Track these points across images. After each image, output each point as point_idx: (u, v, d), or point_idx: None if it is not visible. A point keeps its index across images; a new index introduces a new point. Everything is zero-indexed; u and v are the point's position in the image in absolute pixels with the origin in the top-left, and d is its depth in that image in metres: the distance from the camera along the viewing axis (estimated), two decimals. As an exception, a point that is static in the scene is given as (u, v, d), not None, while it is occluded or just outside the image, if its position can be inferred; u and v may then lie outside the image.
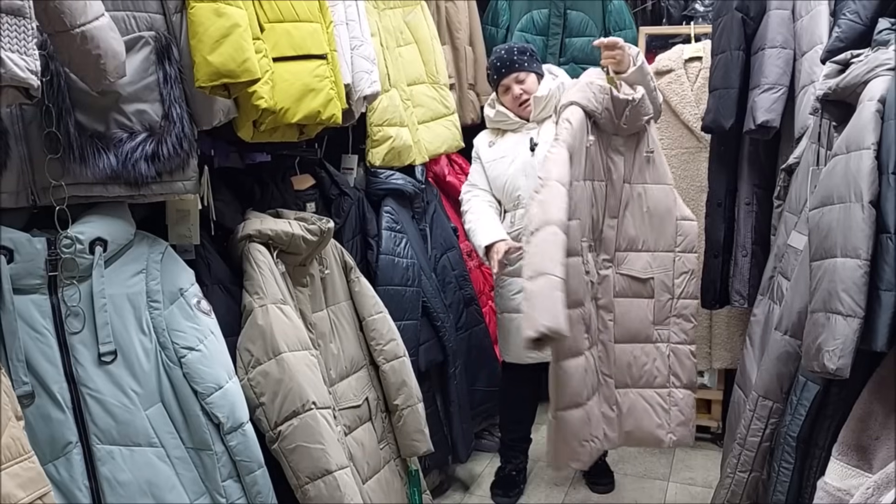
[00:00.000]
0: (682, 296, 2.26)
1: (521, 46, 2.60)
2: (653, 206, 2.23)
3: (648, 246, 2.26)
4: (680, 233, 2.25)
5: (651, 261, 2.25)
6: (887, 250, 1.37)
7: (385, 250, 2.43)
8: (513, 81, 2.55)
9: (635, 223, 2.24)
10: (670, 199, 2.25)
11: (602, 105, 2.11)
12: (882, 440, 1.46)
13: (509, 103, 2.59)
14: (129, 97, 1.50)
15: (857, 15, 1.71)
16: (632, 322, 2.26)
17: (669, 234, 2.24)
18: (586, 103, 2.10)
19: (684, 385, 2.29)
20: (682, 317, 2.26)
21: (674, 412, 2.28)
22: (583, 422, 2.09)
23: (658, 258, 2.25)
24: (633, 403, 2.27)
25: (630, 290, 2.26)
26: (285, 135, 1.88)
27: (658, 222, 2.24)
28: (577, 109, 2.09)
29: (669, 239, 2.25)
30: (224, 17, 1.51)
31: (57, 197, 1.46)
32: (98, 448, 1.48)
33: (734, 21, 2.39)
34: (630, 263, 2.26)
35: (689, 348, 2.28)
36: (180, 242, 1.74)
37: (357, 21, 2.16)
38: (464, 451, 2.71)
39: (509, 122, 2.61)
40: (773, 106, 2.27)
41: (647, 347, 2.27)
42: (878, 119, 1.43)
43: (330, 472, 1.74)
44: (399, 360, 2.18)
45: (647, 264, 2.25)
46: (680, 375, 2.28)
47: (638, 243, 2.26)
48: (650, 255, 2.26)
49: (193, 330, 1.59)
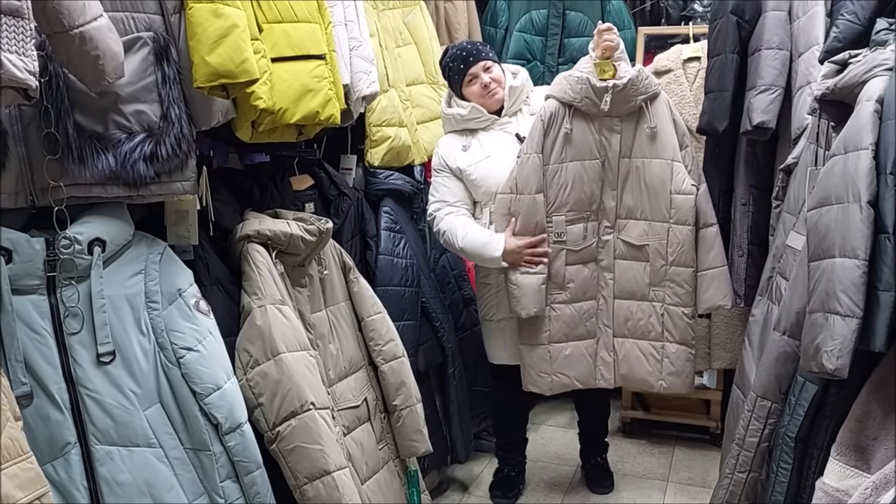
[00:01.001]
0: (674, 263, 2.41)
1: (481, 41, 2.57)
2: (649, 179, 2.40)
3: (645, 215, 2.44)
4: (674, 206, 2.38)
5: (647, 229, 2.43)
6: (885, 250, 1.36)
7: (384, 251, 2.43)
8: (481, 69, 2.44)
9: (633, 194, 2.44)
10: (666, 173, 2.38)
11: (580, 94, 2.33)
12: (880, 440, 1.45)
13: (475, 95, 2.46)
14: (127, 98, 1.50)
15: (855, 15, 1.72)
16: (629, 282, 2.48)
17: (663, 206, 2.40)
18: (561, 95, 2.36)
19: (677, 341, 2.45)
20: (675, 282, 2.42)
21: (665, 363, 2.48)
22: (541, 358, 2.48)
23: (654, 227, 2.43)
24: (628, 351, 2.52)
25: (628, 254, 2.48)
26: (284, 135, 1.88)
27: (653, 195, 2.41)
28: (551, 102, 2.37)
29: (663, 211, 2.40)
30: (222, 18, 1.51)
31: (55, 197, 1.46)
32: (97, 448, 1.48)
33: (729, 24, 2.40)
34: (628, 230, 2.46)
35: (682, 310, 2.43)
36: (179, 243, 1.74)
37: (356, 21, 2.16)
38: (463, 451, 2.71)
39: (482, 118, 2.47)
40: (770, 107, 2.27)
41: (644, 305, 2.48)
42: (876, 119, 1.43)
43: (328, 472, 1.74)
44: (398, 361, 2.18)
45: (644, 232, 2.44)
46: (672, 332, 2.46)
47: (636, 213, 2.45)
48: (647, 223, 2.44)
49: (192, 330, 1.59)
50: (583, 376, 2.53)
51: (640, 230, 2.44)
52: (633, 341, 2.51)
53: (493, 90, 2.45)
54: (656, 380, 2.50)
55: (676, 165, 2.37)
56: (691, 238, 2.39)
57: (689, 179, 2.37)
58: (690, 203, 2.37)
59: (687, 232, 2.38)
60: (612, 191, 2.44)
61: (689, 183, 2.37)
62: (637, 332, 2.50)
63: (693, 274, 2.40)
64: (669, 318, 2.45)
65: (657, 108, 2.37)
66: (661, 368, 2.48)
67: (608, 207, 2.45)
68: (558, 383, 2.52)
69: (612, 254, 2.49)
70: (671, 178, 2.37)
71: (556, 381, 2.51)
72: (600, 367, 2.53)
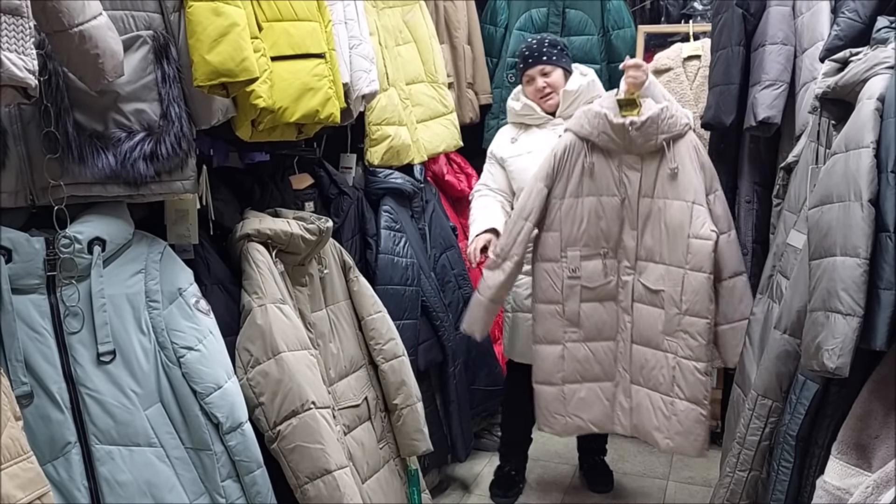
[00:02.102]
0: (688, 312, 2.25)
1: (553, 39, 2.58)
2: (669, 221, 2.28)
3: (663, 259, 2.31)
4: (690, 251, 2.23)
5: (664, 274, 2.30)
6: (886, 249, 1.36)
7: (384, 250, 2.43)
8: (537, 73, 2.52)
9: (654, 236, 2.32)
10: (685, 215, 2.24)
11: (597, 129, 2.27)
12: (882, 439, 1.45)
13: (532, 95, 2.55)
14: (127, 96, 1.49)
15: (856, 13, 1.71)
16: (646, 328, 2.36)
17: (680, 250, 2.26)
18: (578, 129, 2.31)
19: (687, 398, 2.29)
20: (689, 334, 2.25)
21: (673, 421, 2.32)
22: (556, 398, 2.42)
23: (670, 272, 2.29)
24: (641, 401, 2.40)
25: (646, 298, 2.36)
26: (284, 134, 1.87)
27: (672, 238, 2.27)
28: (568, 135, 2.33)
29: (680, 255, 2.26)
30: (222, 17, 1.51)
31: (55, 197, 1.46)
32: (97, 448, 1.48)
33: (735, 17, 2.39)
34: (647, 273, 2.35)
35: (694, 364, 2.26)
36: (179, 242, 1.74)
37: (356, 20, 2.15)
38: (463, 450, 2.71)
39: (535, 116, 2.56)
40: (774, 102, 2.26)
41: (658, 354, 2.35)
42: (877, 117, 1.43)
43: (329, 471, 1.74)
44: (398, 360, 2.18)
45: (661, 277, 2.31)
46: (683, 388, 2.29)
47: (655, 255, 2.33)
48: (664, 267, 2.30)
49: (192, 330, 1.59)
50: (599, 420, 2.45)
51: (657, 274, 2.32)
52: (646, 391, 2.39)
53: (546, 95, 2.53)
54: (663, 437, 2.35)
55: (697, 209, 2.22)
56: (707, 287, 2.22)
57: (709, 224, 2.22)
58: (708, 249, 2.20)
59: (703, 280, 2.21)
60: (633, 230, 2.35)
61: (710, 228, 2.21)
62: (650, 381, 2.37)
63: (708, 326, 2.23)
64: (681, 373, 2.28)
65: (680, 149, 2.24)
66: (669, 426, 2.33)
67: (628, 247, 2.36)
68: (572, 425, 2.46)
69: (630, 295, 2.38)
70: (690, 221, 2.23)
71: (570, 423, 2.44)
72: (618, 412, 2.45)
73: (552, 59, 2.52)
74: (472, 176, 3.23)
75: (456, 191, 3.17)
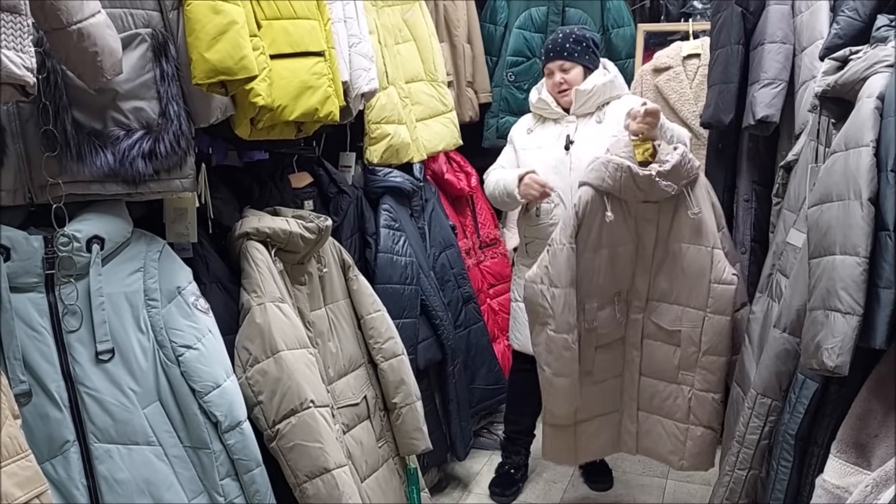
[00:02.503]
0: (708, 352, 2.25)
1: (580, 35, 2.54)
2: (687, 265, 2.24)
3: (680, 301, 2.28)
4: (712, 295, 2.22)
5: (681, 315, 2.28)
6: (886, 248, 1.36)
7: (383, 248, 2.43)
8: (556, 68, 2.51)
9: (669, 278, 2.28)
10: (705, 260, 2.21)
11: (619, 182, 2.14)
12: (881, 438, 1.45)
13: (550, 89, 2.56)
14: (126, 94, 1.49)
15: (856, 12, 1.71)
16: (658, 362, 2.35)
17: (701, 295, 2.23)
18: (599, 183, 2.17)
19: (703, 424, 2.30)
20: (708, 370, 2.26)
21: (689, 444, 2.33)
22: (568, 436, 2.38)
23: (688, 314, 2.27)
24: (652, 427, 2.40)
25: (659, 336, 2.33)
26: (283, 132, 1.87)
27: (691, 281, 2.25)
28: (587, 190, 2.18)
29: (701, 299, 2.24)
30: (221, 14, 1.51)
31: (54, 195, 1.45)
32: (96, 447, 1.48)
33: (734, 15, 2.39)
34: (660, 313, 2.32)
35: (712, 395, 2.27)
36: (178, 241, 1.74)
37: (355, 18, 2.15)
38: (462, 449, 2.71)
39: (549, 110, 2.55)
40: (773, 101, 2.26)
41: (671, 387, 2.34)
42: (876, 116, 1.43)
43: (328, 470, 1.74)
44: (397, 359, 2.18)
45: (677, 318, 2.29)
46: (699, 416, 2.30)
47: (670, 297, 2.30)
48: (681, 308, 2.28)
49: (191, 328, 1.59)
50: (606, 444, 2.49)
51: (673, 315, 2.29)
52: (657, 418, 2.39)
53: (563, 91, 2.52)
54: (678, 459, 2.37)
55: (717, 253, 2.20)
56: (729, 329, 2.22)
57: (729, 269, 2.21)
58: (731, 293, 2.20)
59: (725, 322, 2.22)
60: (645, 273, 2.31)
61: (731, 272, 2.21)
62: (663, 410, 2.37)
63: (727, 362, 2.24)
64: (698, 403, 2.29)
65: (698, 193, 2.21)
66: (685, 449, 2.34)
67: (640, 289, 2.33)
68: (582, 455, 2.50)
69: (639, 333, 2.36)
70: (711, 266, 2.20)
71: (580, 454, 2.48)
72: (624, 435, 2.47)
73: (573, 56, 2.50)
74: (472, 175, 3.23)
75: (455, 189, 3.17)
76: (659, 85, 3.02)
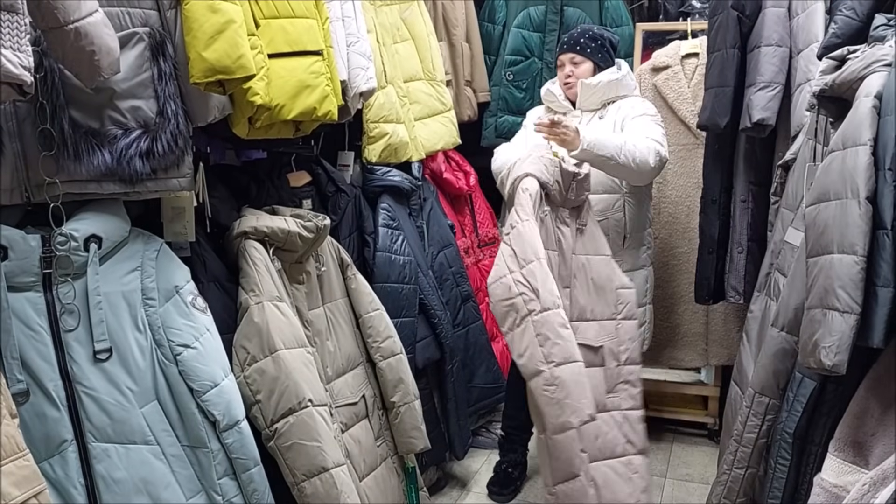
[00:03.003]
0: (626, 362, 2.27)
1: (597, 34, 2.59)
2: (595, 276, 2.27)
3: (595, 315, 2.27)
4: (620, 301, 2.28)
5: (599, 329, 2.26)
6: (884, 246, 1.36)
7: (382, 247, 2.43)
8: (567, 60, 2.58)
9: (583, 293, 2.26)
10: (610, 268, 2.31)
11: (553, 177, 2.16)
12: (878, 436, 1.46)
13: (560, 80, 2.63)
14: (123, 94, 1.49)
15: (854, 11, 1.71)
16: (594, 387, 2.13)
17: (611, 303, 2.28)
18: (540, 175, 2.14)
19: (639, 451, 2.24)
20: (629, 382, 2.27)
21: (635, 479, 2.19)
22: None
23: (605, 327, 2.27)
24: (606, 476, 2.14)
25: (587, 360, 2.09)
26: (281, 131, 1.87)
27: (601, 291, 2.28)
28: (533, 180, 2.12)
29: (611, 307, 2.28)
30: (219, 14, 1.51)
31: (51, 194, 1.45)
32: (93, 446, 1.48)
33: (730, 19, 2.39)
34: (583, 332, 2.19)
35: (638, 413, 2.27)
36: (175, 240, 1.74)
37: (353, 17, 2.15)
38: (461, 448, 2.71)
39: (556, 103, 2.63)
40: (769, 104, 2.27)
41: (605, 417, 2.18)
42: (874, 115, 1.43)
43: (326, 469, 1.74)
44: (396, 358, 2.18)
45: (597, 333, 2.25)
46: (634, 441, 2.23)
47: (587, 313, 2.26)
48: (598, 323, 2.26)
49: (189, 327, 1.59)
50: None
51: (593, 331, 2.22)
52: (605, 463, 2.13)
53: (570, 83, 2.58)
54: (636, 500, 2.18)
55: (612, 261, 2.32)
56: (639, 332, 2.31)
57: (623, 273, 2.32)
58: (634, 296, 2.31)
59: (635, 327, 2.30)
60: (566, 288, 2.18)
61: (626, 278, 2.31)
62: (606, 450, 2.15)
63: (640, 371, 2.29)
64: (630, 426, 2.22)
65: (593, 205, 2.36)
66: (634, 487, 2.18)
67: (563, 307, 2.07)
68: None
69: None
70: (614, 272, 2.31)
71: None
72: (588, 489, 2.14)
73: (585, 51, 2.56)
74: (471, 174, 3.23)
75: (454, 188, 3.17)
76: (657, 84, 3.02)
